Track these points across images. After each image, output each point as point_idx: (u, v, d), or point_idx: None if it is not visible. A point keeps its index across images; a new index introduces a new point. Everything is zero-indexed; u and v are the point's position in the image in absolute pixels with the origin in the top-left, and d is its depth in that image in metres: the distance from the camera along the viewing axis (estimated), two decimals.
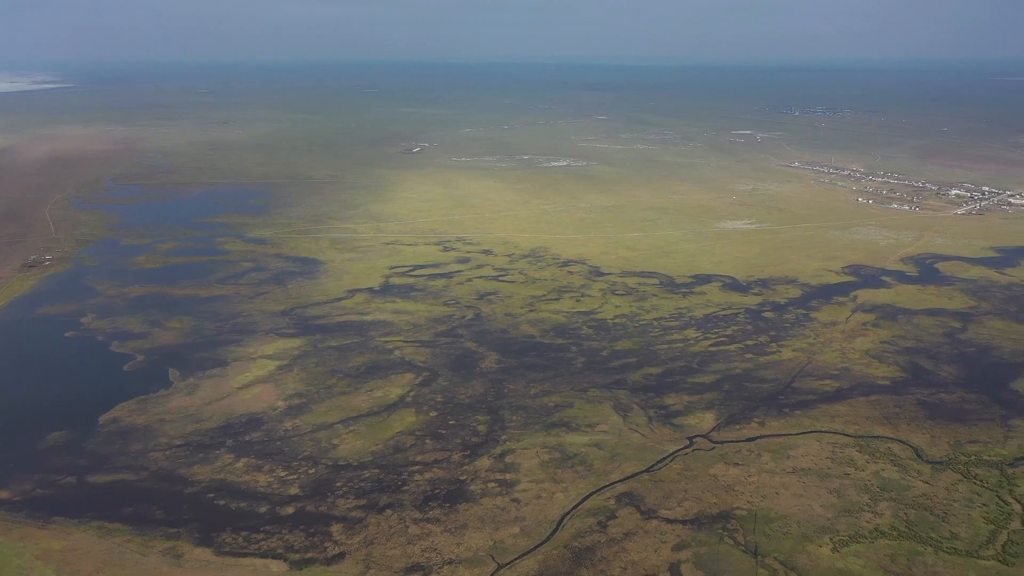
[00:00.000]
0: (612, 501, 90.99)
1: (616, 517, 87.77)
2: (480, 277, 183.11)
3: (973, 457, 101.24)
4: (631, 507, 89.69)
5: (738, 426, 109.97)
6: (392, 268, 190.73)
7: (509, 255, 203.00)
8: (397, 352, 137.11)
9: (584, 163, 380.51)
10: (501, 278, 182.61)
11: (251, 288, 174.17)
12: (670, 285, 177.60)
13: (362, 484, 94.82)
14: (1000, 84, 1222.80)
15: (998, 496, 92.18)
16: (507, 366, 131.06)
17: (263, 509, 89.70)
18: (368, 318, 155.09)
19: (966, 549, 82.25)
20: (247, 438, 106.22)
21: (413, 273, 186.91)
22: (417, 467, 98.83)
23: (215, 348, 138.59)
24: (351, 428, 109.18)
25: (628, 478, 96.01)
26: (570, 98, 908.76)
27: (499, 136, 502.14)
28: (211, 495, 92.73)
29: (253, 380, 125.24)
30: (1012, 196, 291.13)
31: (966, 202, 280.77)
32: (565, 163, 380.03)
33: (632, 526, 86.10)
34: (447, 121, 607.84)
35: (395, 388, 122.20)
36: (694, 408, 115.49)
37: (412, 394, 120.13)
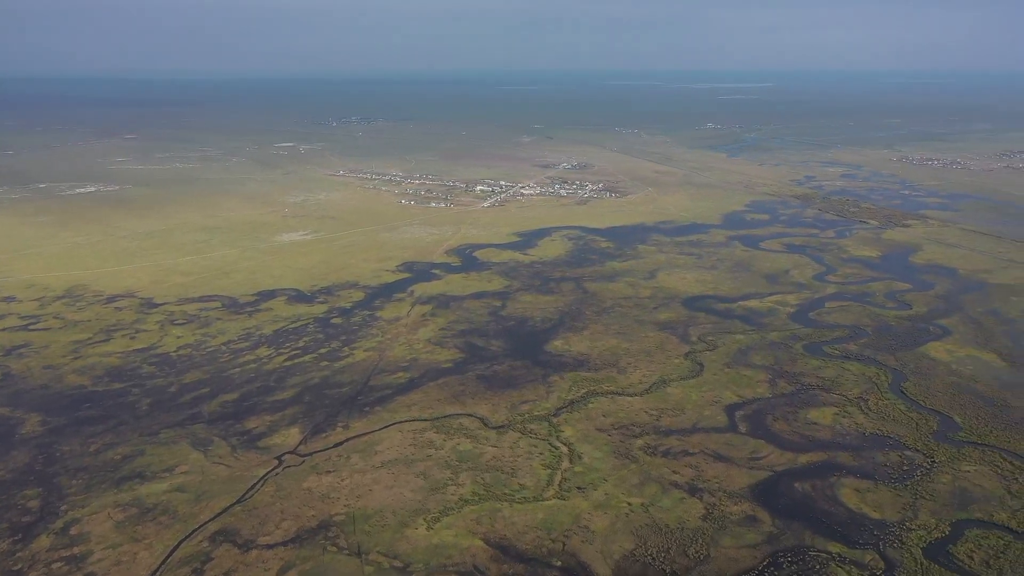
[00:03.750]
0: (206, 543, 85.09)
1: (212, 559, 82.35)
2: (3, 330, 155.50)
3: (527, 415, 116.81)
4: (227, 544, 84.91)
5: (324, 434, 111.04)
6: None
7: (38, 299, 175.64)
8: None
9: (117, 187, 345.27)
10: (32, 327, 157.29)
11: None
12: (234, 306, 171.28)
13: None
14: (504, 92, 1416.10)
15: (549, 444, 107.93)
16: (55, 426, 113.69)
17: None
18: None
19: (533, 495, 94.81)
20: None
21: None
22: None
23: None
24: None
25: (219, 514, 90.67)
26: (90, 116, 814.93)
27: (1, 162, 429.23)
28: None
29: None
30: (523, 188, 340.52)
31: (489, 196, 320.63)
32: (93, 188, 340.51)
33: (231, 563, 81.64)
34: None
35: None
36: (278, 426, 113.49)
37: None
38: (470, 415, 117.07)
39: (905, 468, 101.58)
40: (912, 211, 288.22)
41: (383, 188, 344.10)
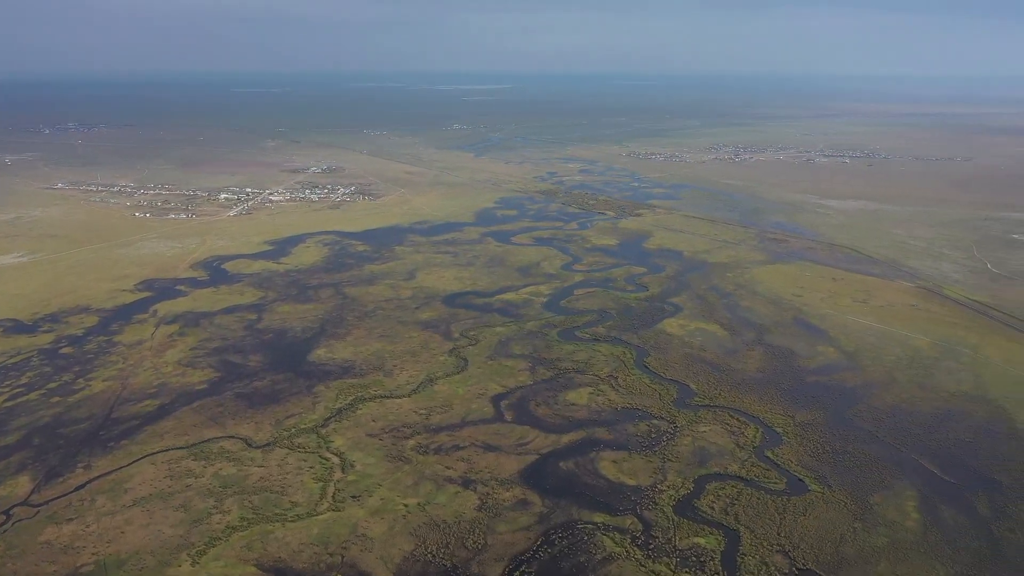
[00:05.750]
0: None
1: None
2: None
3: (293, 430, 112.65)
4: None
5: (61, 479, 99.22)
6: None
7: None
8: None
9: None
10: None
11: None
12: None
13: None
14: (241, 95, 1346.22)
15: (319, 456, 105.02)
16: None
17: None
18: None
19: (307, 512, 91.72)
20: None
21: None
22: None
23: None
24: None
25: None
26: None
27: None
28: None
29: None
30: (272, 194, 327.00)
31: (235, 204, 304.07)
32: None
33: None
34: None
35: None
36: (2, 476, 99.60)
37: None
38: (231, 437, 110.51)
39: (653, 436, 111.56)
40: (642, 201, 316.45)
41: (112, 201, 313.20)
